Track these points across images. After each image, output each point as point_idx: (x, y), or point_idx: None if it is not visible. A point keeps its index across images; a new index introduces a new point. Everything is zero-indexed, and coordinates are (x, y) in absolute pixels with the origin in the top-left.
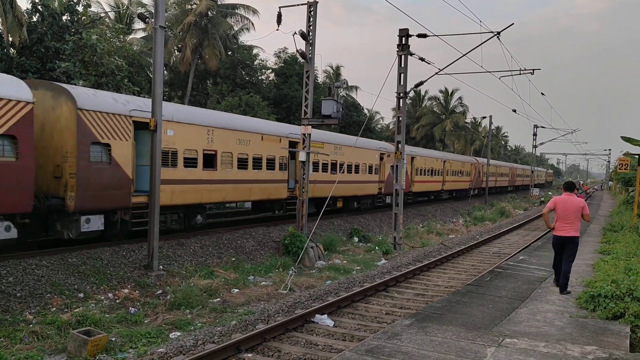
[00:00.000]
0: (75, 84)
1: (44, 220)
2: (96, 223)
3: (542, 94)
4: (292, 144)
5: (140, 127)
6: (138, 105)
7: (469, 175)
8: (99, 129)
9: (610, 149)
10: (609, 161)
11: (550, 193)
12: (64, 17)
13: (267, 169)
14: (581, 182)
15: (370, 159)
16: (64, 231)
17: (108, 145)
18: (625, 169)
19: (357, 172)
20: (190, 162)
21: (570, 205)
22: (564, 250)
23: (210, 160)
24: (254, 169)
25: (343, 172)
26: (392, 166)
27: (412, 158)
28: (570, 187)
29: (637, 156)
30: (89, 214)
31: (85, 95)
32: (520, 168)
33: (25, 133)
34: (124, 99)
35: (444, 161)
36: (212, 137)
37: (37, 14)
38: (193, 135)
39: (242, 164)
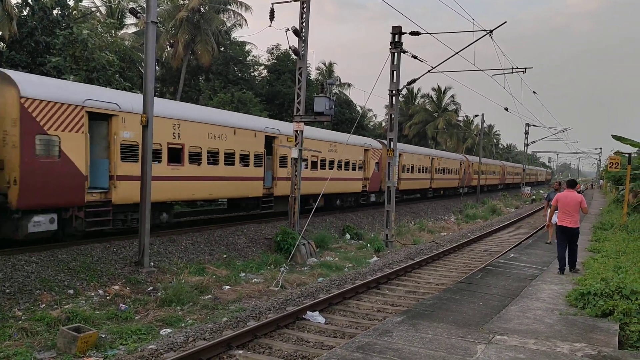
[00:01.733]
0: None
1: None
2: (373, 198)
3: (534, 92)
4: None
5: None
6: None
7: (499, 174)
8: (374, 156)
9: (601, 148)
10: (599, 160)
11: (541, 191)
12: (55, 11)
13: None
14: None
15: (455, 165)
16: (359, 200)
17: (378, 162)
18: (615, 167)
19: (450, 173)
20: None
21: (570, 200)
22: (569, 240)
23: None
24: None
25: (446, 174)
26: (464, 169)
27: (471, 164)
28: (572, 184)
29: (627, 155)
30: (372, 194)
31: (375, 143)
32: (529, 168)
33: (381, 162)
34: (381, 142)
35: (501, 166)
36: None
37: (28, 8)
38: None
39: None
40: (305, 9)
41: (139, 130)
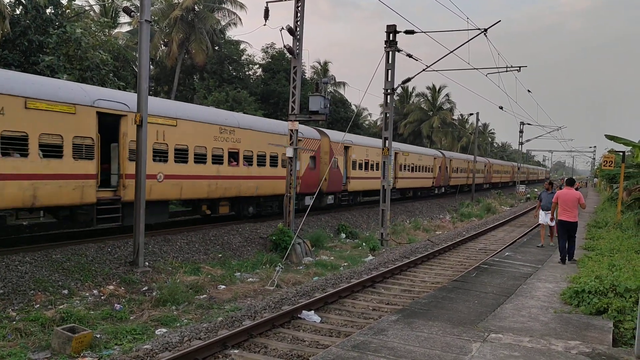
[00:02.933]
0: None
1: None
2: (436, 191)
3: (529, 91)
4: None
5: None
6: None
7: (510, 173)
8: (438, 162)
9: (595, 146)
10: (594, 158)
11: (536, 189)
12: (48, 10)
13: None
14: (563, 179)
15: (481, 167)
16: (429, 192)
17: (440, 167)
18: (609, 166)
19: (478, 172)
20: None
21: (569, 197)
22: (569, 233)
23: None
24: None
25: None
26: (487, 170)
27: (492, 165)
28: (570, 182)
29: (621, 154)
30: (436, 188)
31: (439, 153)
32: (532, 167)
33: (442, 166)
34: (441, 152)
35: (512, 166)
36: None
37: (20, 7)
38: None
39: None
40: (299, 8)
41: (357, 153)
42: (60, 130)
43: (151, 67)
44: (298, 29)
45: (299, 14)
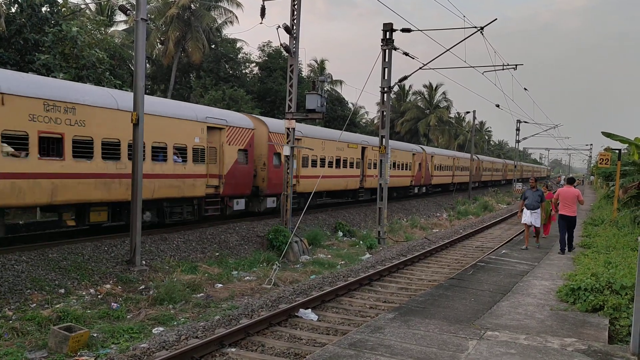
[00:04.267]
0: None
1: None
2: (472, 185)
3: (525, 89)
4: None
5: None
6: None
7: (519, 171)
8: (475, 163)
9: (591, 144)
10: (590, 156)
11: None
12: (44, 9)
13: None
14: (561, 177)
15: (500, 166)
16: (468, 186)
17: (476, 167)
18: (605, 164)
19: (499, 171)
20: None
21: (569, 194)
22: (568, 226)
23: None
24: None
25: (498, 171)
26: (504, 169)
27: (508, 164)
28: (570, 181)
29: (617, 151)
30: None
31: (468, 156)
32: (535, 166)
33: (474, 166)
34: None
35: (519, 165)
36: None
37: (16, 5)
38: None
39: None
40: (296, 6)
41: (436, 160)
42: (354, 156)
43: (147, 65)
44: (294, 27)
45: (295, 12)
